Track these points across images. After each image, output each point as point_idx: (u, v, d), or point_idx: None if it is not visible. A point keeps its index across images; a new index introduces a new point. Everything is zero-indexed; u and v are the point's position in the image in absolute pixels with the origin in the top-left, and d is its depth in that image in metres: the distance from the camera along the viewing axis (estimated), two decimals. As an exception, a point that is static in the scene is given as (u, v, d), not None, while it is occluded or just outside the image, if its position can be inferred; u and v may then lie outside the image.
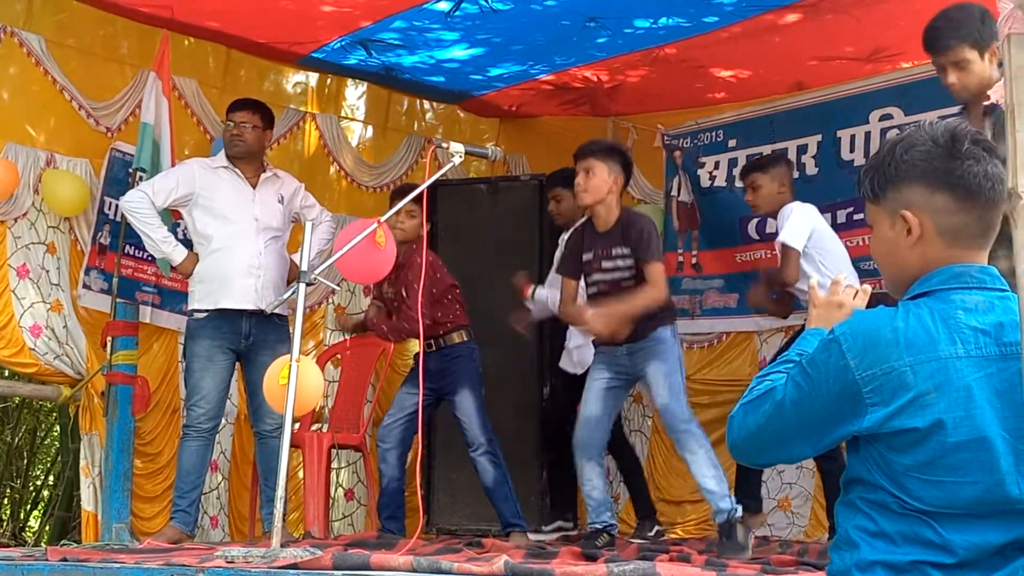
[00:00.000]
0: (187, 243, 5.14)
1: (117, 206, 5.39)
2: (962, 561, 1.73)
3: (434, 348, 4.97)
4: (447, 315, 5.02)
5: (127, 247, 5.46)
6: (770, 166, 5.09)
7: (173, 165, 5.19)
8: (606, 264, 4.57)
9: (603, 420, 4.59)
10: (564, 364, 5.63)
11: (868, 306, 1.99)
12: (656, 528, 5.42)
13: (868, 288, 2.10)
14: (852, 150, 5.83)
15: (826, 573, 1.87)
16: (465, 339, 5.06)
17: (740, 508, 4.34)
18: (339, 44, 5.84)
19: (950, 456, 1.73)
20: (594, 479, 4.58)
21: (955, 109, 5.24)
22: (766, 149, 6.01)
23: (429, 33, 5.58)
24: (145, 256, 5.45)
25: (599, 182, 4.52)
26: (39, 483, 10.61)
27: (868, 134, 5.70)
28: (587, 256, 4.65)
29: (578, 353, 5.49)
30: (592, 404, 4.62)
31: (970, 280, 1.82)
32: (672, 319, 4.64)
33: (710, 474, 4.35)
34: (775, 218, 5.02)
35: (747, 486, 4.96)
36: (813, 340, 1.99)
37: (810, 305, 2.11)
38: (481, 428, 4.92)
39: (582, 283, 4.77)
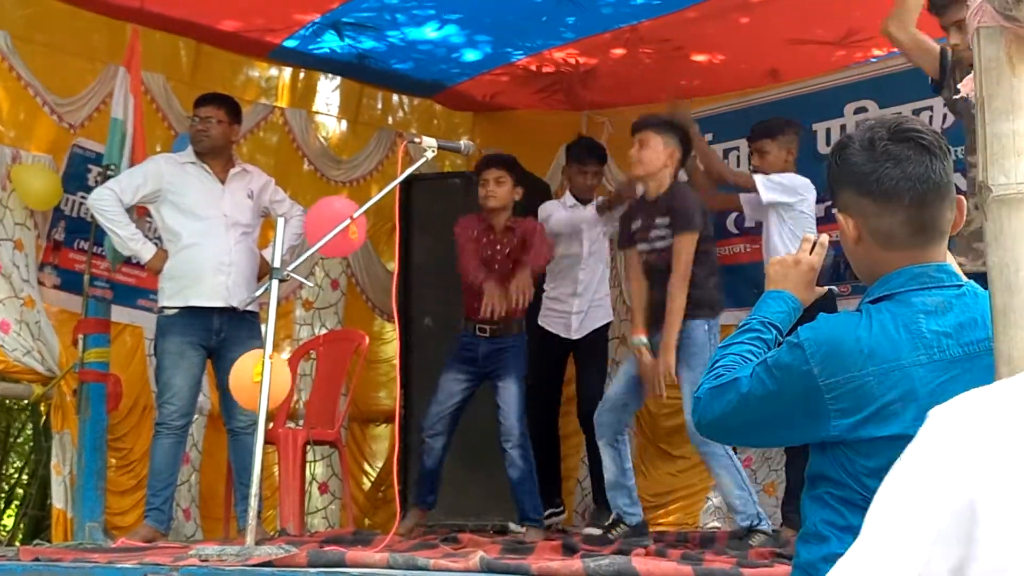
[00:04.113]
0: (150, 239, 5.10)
1: (74, 202, 5.37)
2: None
3: (488, 334, 4.98)
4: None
5: (80, 241, 5.41)
6: (779, 133, 4.97)
7: (132, 164, 5.11)
8: (652, 234, 4.53)
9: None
10: (556, 328, 5.60)
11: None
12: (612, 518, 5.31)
13: (825, 239, 2.06)
14: (828, 143, 5.83)
15: (792, 566, 1.87)
16: (518, 331, 5.04)
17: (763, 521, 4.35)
18: (310, 30, 5.77)
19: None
20: (606, 461, 4.58)
21: (930, 101, 5.29)
22: (743, 143, 6.01)
23: (400, 12, 5.53)
24: (97, 251, 5.38)
25: (652, 154, 4.48)
26: (12, 481, 10.55)
27: (843, 127, 5.71)
28: (635, 225, 4.63)
29: (577, 319, 5.53)
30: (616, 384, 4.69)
31: (928, 280, 1.82)
32: (709, 311, 4.49)
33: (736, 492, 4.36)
34: None
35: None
36: (772, 304, 2.02)
37: (768, 266, 2.09)
38: (518, 420, 4.91)
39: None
